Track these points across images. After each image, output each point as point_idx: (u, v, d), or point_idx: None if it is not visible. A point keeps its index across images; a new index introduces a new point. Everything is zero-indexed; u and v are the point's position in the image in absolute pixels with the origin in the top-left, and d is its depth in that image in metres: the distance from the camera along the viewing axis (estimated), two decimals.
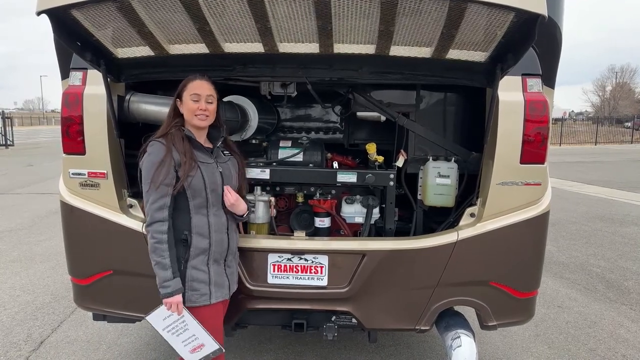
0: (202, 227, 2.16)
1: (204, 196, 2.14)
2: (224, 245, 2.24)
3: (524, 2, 1.76)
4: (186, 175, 2.07)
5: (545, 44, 2.47)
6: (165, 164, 2.05)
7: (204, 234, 2.16)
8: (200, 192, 2.13)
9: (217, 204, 2.21)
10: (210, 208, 2.18)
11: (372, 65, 2.45)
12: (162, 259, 2.05)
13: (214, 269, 2.21)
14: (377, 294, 2.58)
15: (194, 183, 2.11)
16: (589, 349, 3.61)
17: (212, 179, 2.17)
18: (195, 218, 2.15)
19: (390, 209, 2.82)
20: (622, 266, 5.67)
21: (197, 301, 2.15)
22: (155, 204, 2.05)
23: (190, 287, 2.14)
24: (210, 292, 2.17)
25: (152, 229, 2.06)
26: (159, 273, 2.06)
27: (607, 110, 58.10)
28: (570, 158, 20.32)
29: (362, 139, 3.42)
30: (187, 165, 2.08)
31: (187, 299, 2.13)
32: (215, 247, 2.19)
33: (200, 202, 2.15)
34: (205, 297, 2.17)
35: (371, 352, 3.48)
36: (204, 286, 2.16)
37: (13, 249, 6.04)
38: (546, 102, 2.50)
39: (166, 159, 2.06)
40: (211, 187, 2.16)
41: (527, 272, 2.66)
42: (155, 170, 2.05)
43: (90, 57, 2.26)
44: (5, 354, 3.42)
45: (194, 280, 2.14)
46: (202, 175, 2.13)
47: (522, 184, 2.52)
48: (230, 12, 2.01)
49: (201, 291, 2.15)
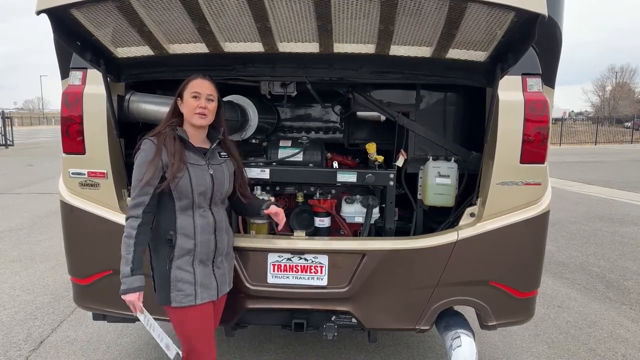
0: (187, 228, 2.15)
1: (190, 198, 2.14)
2: (211, 247, 2.22)
3: (524, 1, 1.76)
4: (173, 177, 2.08)
5: (545, 44, 2.47)
6: (152, 163, 2.06)
7: (189, 234, 2.15)
8: (186, 193, 2.12)
9: (204, 205, 2.20)
10: (196, 209, 2.17)
11: (372, 64, 2.45)
12: (126, 254, 2.06)
13: (200, 269, 2.19)
14: (377, 294, 2.58)
15: (181, 184, 2.11)
16: (589, 349, 3.61)
17: (201, 181, 2.16)
18: (181, 218, 2.15)
19: (390, 209, 2.82)
20: (622, 266, 5.67)
21: (182, 302, 2.14)
22: (133, 200, 2.08)
23: (175, 287, 2.14)
24: (196, 292, 2.16)
25: (126, 224, 2.09)
26: (122, 268, 2.07)
27: (607, 110, 58.10)
28: (570, 158, 20.33)
29: (362, 139, 3.42)
30: (175, 166, 2.08)
31: (173, 299, 2.14)
32: (201, 248, 2.18)
33: (186, 204, 2.15)
34: (190, 297, 2.15)
35: (371, 352, 3.48)
36: (189, 287, 2.15)
37: (13, 249, 6.04)
38: (546, 102, 2.50)
39: (154, 159, 2.07)
40: (198, 189, 2.15)
41: (527, 272, 2.66)
42: (142, 168, 2.07)
43: (90, 57, 2.26)
44: (5, 353, 3.41)
45: (179, 280, 2.14)
46: (189, 177, 2.12)
47: (522, 184, 2.52)
48: (230, 11, 2.01)
49: (186, 292, 2.14)
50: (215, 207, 2.26)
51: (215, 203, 2.25)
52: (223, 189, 2.28)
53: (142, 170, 2.06)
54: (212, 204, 2.23)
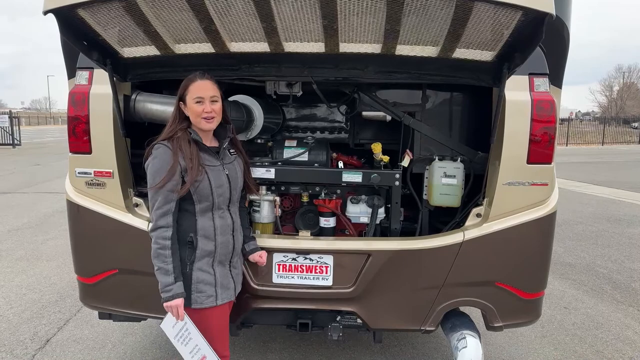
0: (208, 230, 2.15)
1: (210, 200, 2.14)
2: (229, 247, 2.23)
3: (532, 1, 1.74)
4: (193, 181, 2.06)
5: (553, 43, 2.45)
6: (172, 169, 2.03)
7: (209, 236, 2.16)
8: (207, 196, 2.12)
9: (223, 206, 2.21)
10: (215, 211, 2.18)
11: (378, 64, 2.44)
12: (164, 265, 2.04)
13: (220, 270, 2.21)
14: (383, 294, 2.57)
15: (201, 188, 2.10)
16: (596, 351, 3.59)
17: (219, 182, 2.16)
18: (201, 221, 2.15)
19: (396, 209, 2.81)
20: (629, 267, 5.63)
21: (204, 303, 2.15)
22: (159, 210, 2.05)
23: (197, 289, 2.14)
24: (217, 293, 2.18)
25: (156, 235, 2.05)
26: (161, 278, 2.05)
27: (614, 111, 57.63)
28: (577, 158, 20.20)
29: (367, 139, 3.41)
30: (195, 170, 2.05)
31: (194, 301, 2.13)
32: (221, 249, 2.19)
33: (206, 206, 2.14)
34: (212, 298, 2.16)
35: (376, 353, 3.48)
36: (210, 288, 2.16)
37: (19, 248, 6.07)
38: (553, 102, 2.48)
39: (174, 165, 2.04)
40: (218, 190, 2.15)
41: (534, 273, 2.64)
42: (160, 175, 2.03)
43: (96, 57, 2.27)
44: (11, 351, 3.44)
45: (200, 282, 2.14)
46: (209, 180, 2.12)
47: (528, 184, 2.51)
48: (236, 11, 2.01)
49: (207, 293, 2.15)
50: (232, 207, 2.27)
51: (232, 203, 2.26)
52: (238, 188, 2.29)
53: (161, 177, 2.03)
54: (230, 205, 2.24)
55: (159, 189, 2.03)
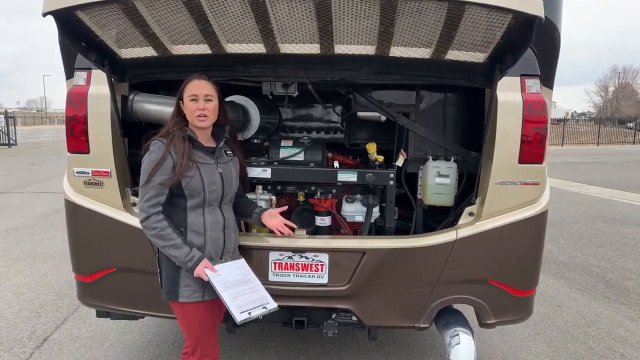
0: (198, 225, 2.20)
1: (202, 196, 2.18)
2: (220, 244, 2.26)
3: (522, 4, 1.79)
4: (181, 175, 2.11)
5: (544, 45, 2.49)
6: (163, 164, 2.10)
7: (199, 231, 2.20)
8: (198, 193, 2.17)
9: (214, 204, 2.24)
10: (206, 207, 2.22)
11: (373, 65, 2.48)
12: (172, 241, 2.10)
13: None
14: (377, 292, 2.61)
15: (192, 184, 2.14)
16: (588, 348, 3.63)
17: (211, 180, 2.20)
18: (191, 216, 2.19)
19: (390, 208, 2.85)
20: (622, 266, 5.69)
21: (190, 297, 2.18)
22: (149, 201, 2.10)
23: (184, 283, 2.17)
24: (204, 288, 2.20)
25: (149, 222, 2.11)
26: (176, 253, 2.10)
27: (609, 111, 57.87)
28: (572, 158, 20.30)
29: (362, 139, 3.44)
30: (183, 166, 2.11)
31: (181, 295, 2.17)
32: (211, 245, 2.22)
33: (197, 202, 2.19)
34: (199, 293, 2.19)
35: (371, 350, 3.51)
36: (197, 283, 2.18)
37: (17, 247, 6.08)
38: (545, 103, 2.52)
39: (164, 159, 2.10)
40: (210, 187, 2.19)
41: (526, 271, 2.68)
42: (152, 169, 2.09)
43: (94, 58, 2.30)
44: (9, 350, 3.46)
45: (188, 276, 2.17)
46: (200, 176, 2.17)
47: (520, 184, 2.55)
48: (232, 13, 2.04)
49: (194, 287, 2.18)
50: (224, 205, 2.31)
51: (225, 202, 2.30)
52: (232, 188, 2.32)
53: (153, 170, 2.09)
54: (222, 203, 2.28)
55: (149, 182, 2.09)
